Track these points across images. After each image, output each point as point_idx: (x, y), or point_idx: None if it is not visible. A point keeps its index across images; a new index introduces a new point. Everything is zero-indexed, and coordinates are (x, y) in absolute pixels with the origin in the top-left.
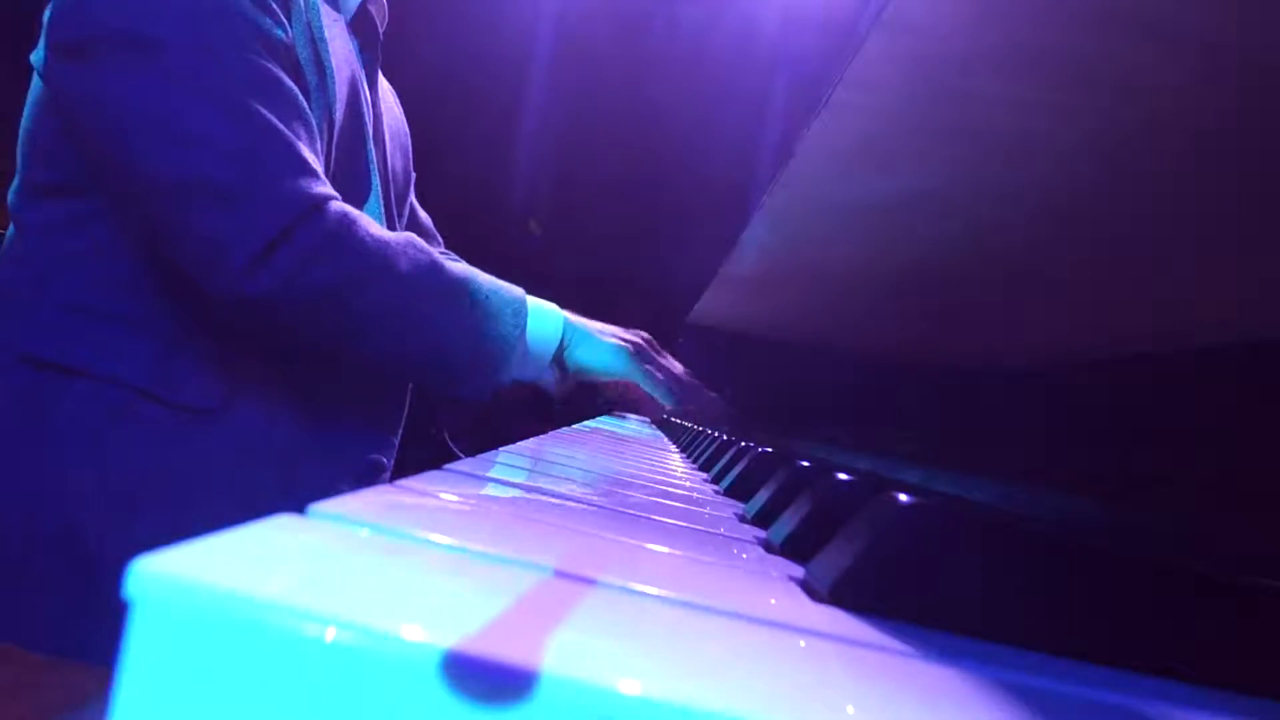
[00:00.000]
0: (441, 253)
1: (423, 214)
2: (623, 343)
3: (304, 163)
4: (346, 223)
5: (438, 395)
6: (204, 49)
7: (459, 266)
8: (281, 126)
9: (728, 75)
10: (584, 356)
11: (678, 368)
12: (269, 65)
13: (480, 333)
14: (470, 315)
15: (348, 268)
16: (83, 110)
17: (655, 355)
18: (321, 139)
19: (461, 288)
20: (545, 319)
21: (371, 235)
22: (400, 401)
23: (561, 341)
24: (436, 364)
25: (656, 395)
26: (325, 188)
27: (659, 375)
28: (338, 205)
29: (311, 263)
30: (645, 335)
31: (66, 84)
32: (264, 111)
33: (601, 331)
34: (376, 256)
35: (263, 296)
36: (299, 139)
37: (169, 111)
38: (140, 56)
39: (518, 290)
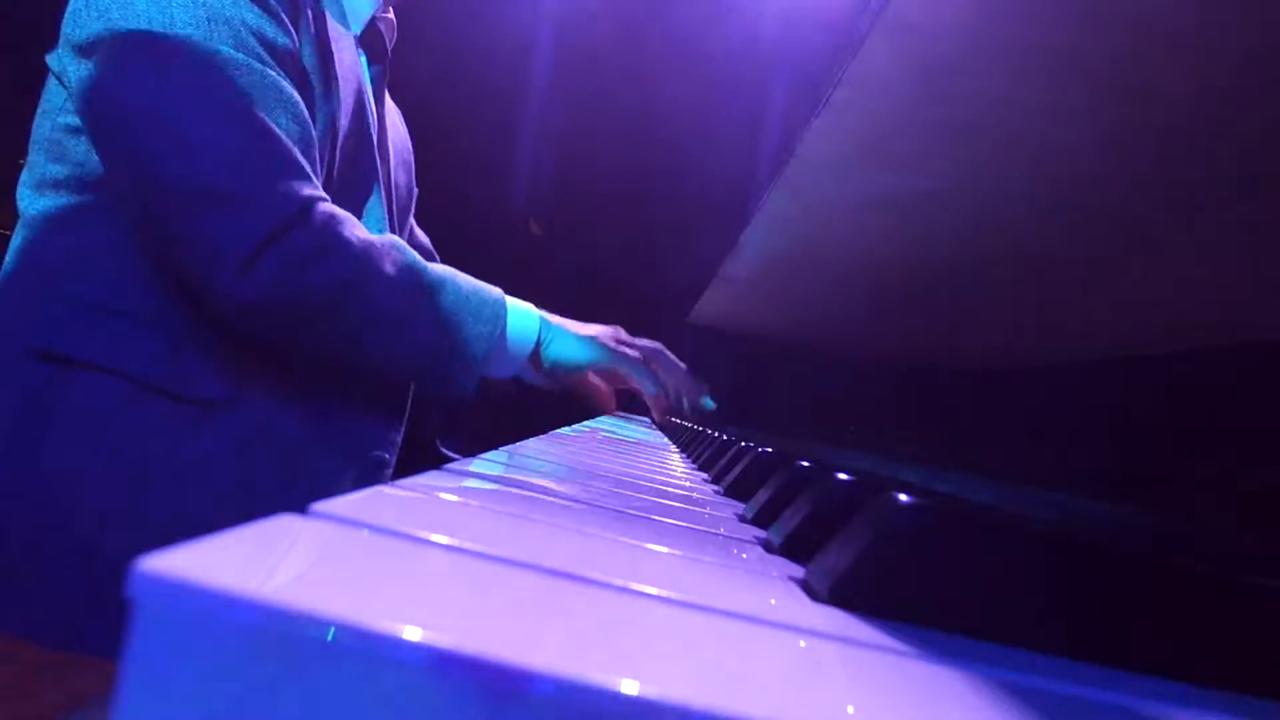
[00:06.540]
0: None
1: (421, 234)
2: (599, 335)
3: (297, 166)
4: (334, 224)
5: (421, 393)
6: (211, 53)
7: (439, 268)
8: (278, 131)
9: (728, 75)
10: (561, 351)
11: (652, 345)
12: (271, 71)
13: (462, 332)
14: (452, 315)
15: (336, 271)
16: (94, 109)
17: (630, 341)
18: (325, 144)
19: (443, 288)
20: (523, 317)
21: (357, 237)
22: (404, 398)
23: (539, 338)
24: (421, 363)
25: (636, 378)
26: (315, 190)
27: (636, 357)
28: (325, 207)
29: (301, 264)
30: (616, 328)
31: (80, 81)
32: (262, 116)
33: (577, 327)
34: (363, 258)
35: (256, 299)
36: (294, 143)
37: (175, 116)
38: (149, 59)
39: (496, 290)
